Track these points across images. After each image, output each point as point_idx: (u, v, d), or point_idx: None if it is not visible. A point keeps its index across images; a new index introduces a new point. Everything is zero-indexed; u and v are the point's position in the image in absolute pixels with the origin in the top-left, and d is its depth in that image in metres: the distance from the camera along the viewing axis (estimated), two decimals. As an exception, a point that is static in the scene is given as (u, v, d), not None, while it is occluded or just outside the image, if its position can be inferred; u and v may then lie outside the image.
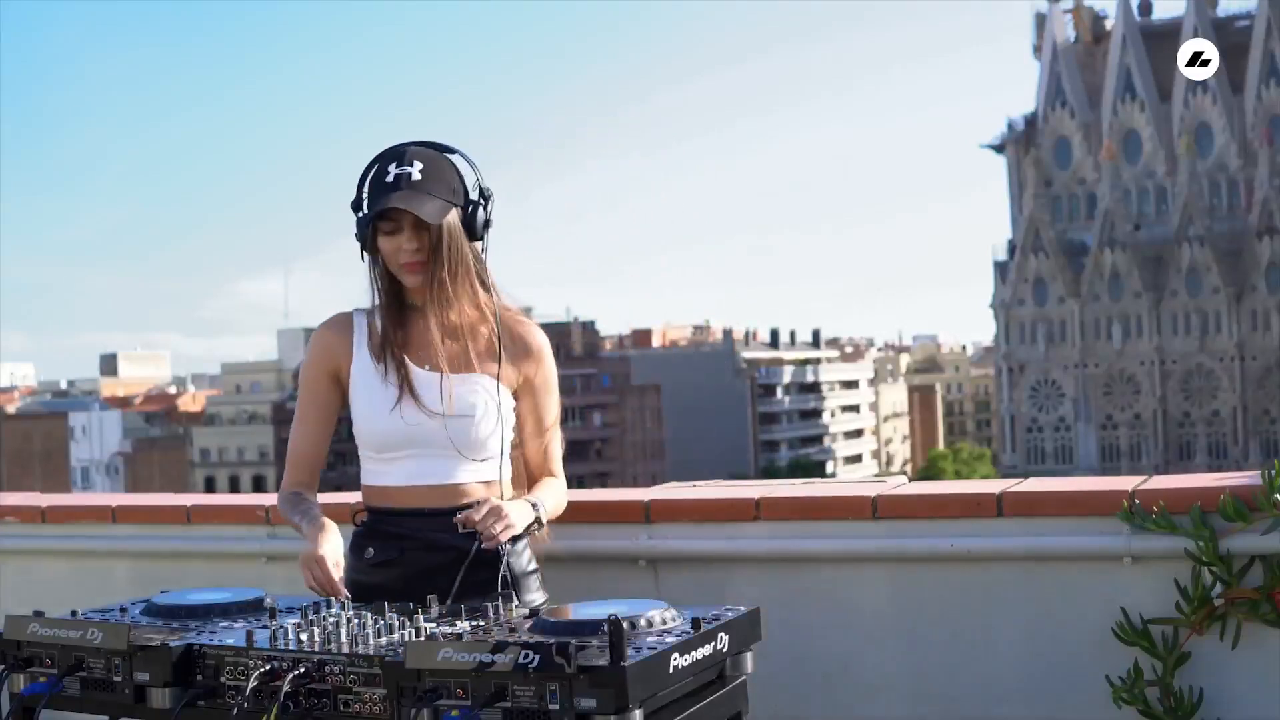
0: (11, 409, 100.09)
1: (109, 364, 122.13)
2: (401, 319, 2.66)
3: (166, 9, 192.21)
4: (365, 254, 2.64)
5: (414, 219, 2.55)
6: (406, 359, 2.63)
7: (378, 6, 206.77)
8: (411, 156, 2.59)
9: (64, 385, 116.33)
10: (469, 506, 2.55)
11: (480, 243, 2.65)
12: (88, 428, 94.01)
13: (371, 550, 2.65)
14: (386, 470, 2.66)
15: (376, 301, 2.67)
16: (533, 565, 2.71)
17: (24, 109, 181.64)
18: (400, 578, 2.58)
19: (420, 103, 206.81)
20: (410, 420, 2.61)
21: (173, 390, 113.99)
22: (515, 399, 2.71)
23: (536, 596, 2.68)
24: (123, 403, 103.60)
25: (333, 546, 2.51)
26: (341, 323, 2.73)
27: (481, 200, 2.63)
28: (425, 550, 2.60)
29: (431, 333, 2.63)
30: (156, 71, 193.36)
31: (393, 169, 2.57)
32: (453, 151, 2.65)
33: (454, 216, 2.58)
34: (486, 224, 2.64)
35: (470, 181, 2.63)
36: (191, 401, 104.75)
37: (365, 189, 2.59)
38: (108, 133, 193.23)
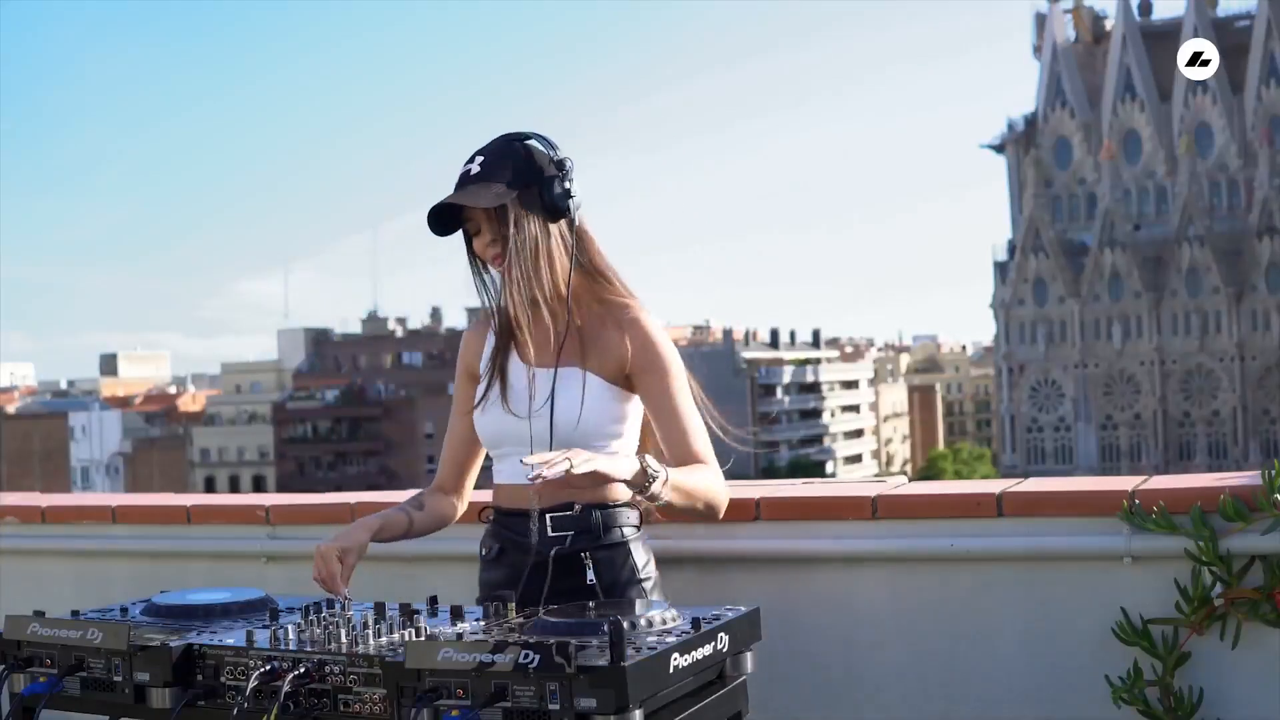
0: (11, 409, 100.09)
1: (109, 364, 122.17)
2: (516, 315, 2.57)
3: (166, 9, 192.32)
4: (477, 268, 2.59)
5: (484, 212, 2.51)
6: (508, 355, 2.59)
7: (378, 6, 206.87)
8: (478, 153, 2.55)
9: (64, 385, 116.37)
10: (561, 508, 2.49)
11: (566, 219, 2.52)
12: (88, 428, 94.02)
13: (485, 548, 2.64)
14: (498, 468, 2.64)
15: (493, 307, 2.61)
16: (645, 573, 2.55)
17: (24, 109, 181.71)
18: (504, 578, 2.54)
19: (420, 103, 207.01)
20: (500, 417, 2.56)
21: (173, 390, 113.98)
22: (628, 388, 2.56)
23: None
24: (123, 403, 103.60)
25: (342, 541, 2.49)
26: (480, 323, 2.72)
27: (556, 174, 2.50)
28: (519, 551, 2.54)
29: (525, 325, 2.54)
30: (156, 71, 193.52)
31: (460, 170, 2.54)
32: (526, 138, 2.55)
33: (519, 198, 2.48)
34: (566, 195, 2.50)
35: (545, 160, 2.52)
36: (191, 401, 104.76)
37: None
38: (108, 133, 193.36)
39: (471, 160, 2.55)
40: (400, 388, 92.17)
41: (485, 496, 2.77)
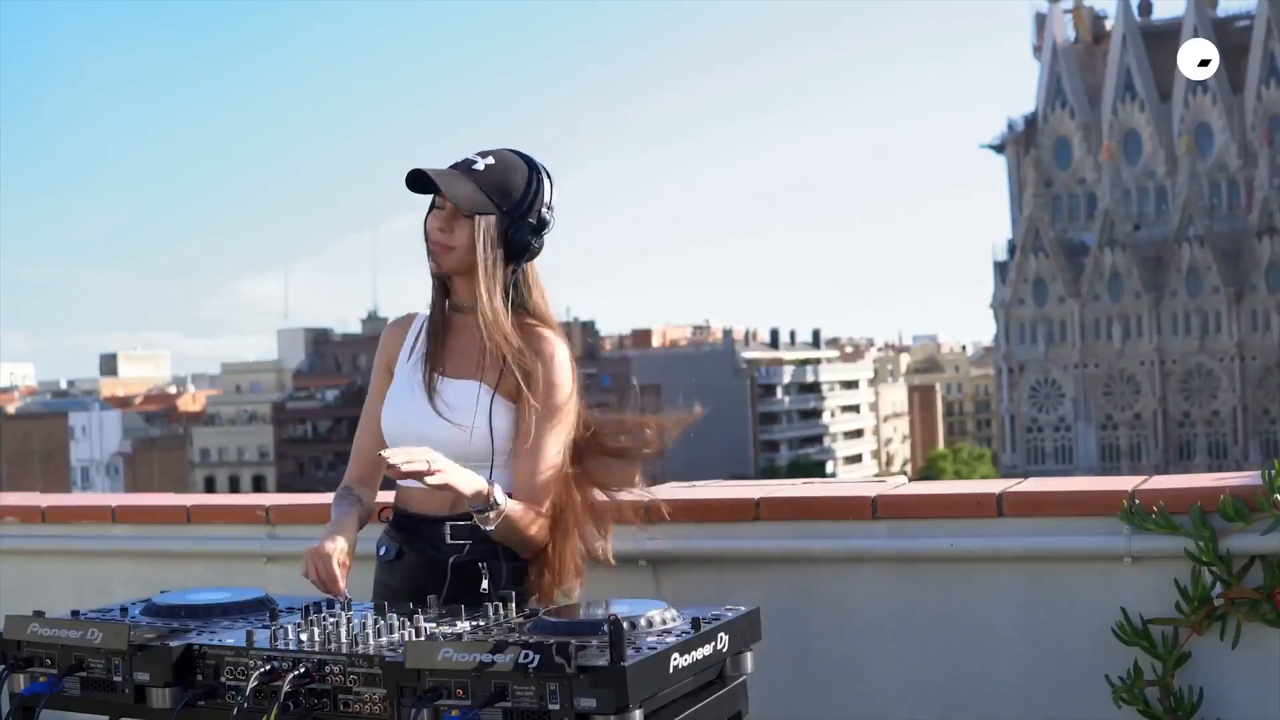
0: (11, 409, 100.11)
1: (109, 364, 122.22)
2: (448, 319, 2.64)
3: (166, 9, 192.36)
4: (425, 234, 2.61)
5: (453, 207, 2.53)
6: (427, 360, 2.62)
7: (378, 6, 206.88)
8: (493, 154, 2.58)
9: (64, 385, 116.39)
10: (458, 516, 2.52)
11: (515, 265, 2.56)
12: (88, 428, 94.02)
13: (383, 548, 2.66)
14: None
15: (432, 295, 2.65)
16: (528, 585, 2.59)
17: (24, 109, 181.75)
18: (404, 579, 2.58)
19: (420, 103, 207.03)
20: (408, 421, 2.60)
21: (173, 390, 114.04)
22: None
23: None
24: (123, 403, 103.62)
25: (340, 543, 2.51)
26: (403, 321, 2.75)
27: (531, 221, 2.55)
28: (419, 555, 2.59)
29: (457, 332, 2.61)
30: (156, 71, 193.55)
31: (468, 155, 2.57)
32: (539, 171, 2.58)
33: (493, 220, 2.52)
34: (525, 247, 2.56)
35: (538, 206, 2.56)
36: (191, 401, 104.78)
37: None
38: (108, 133, 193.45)
39: (485, 154, 2.58)
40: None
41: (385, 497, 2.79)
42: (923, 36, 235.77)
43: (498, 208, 2.53)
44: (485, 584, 2.51)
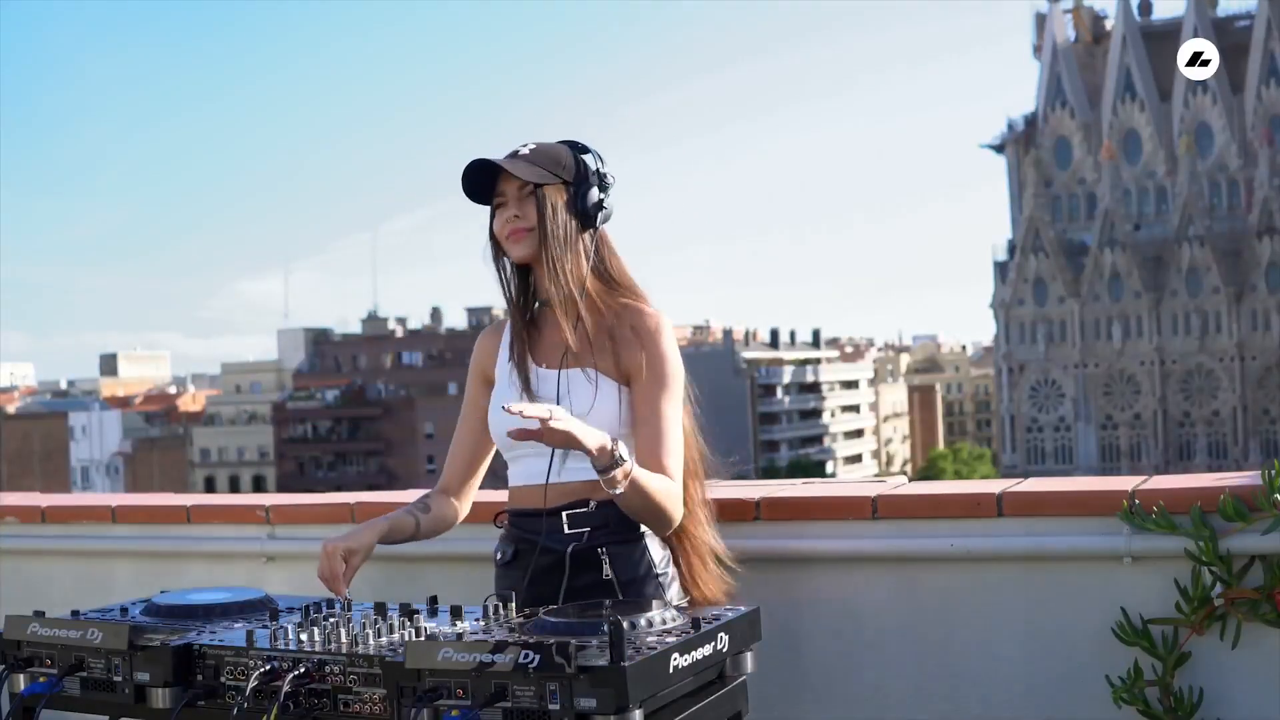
0: (11, 409, 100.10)
1: (109, 364, 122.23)
2: (532, 316, 2.62)
3: (166, 9, 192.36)
4: (493, 249, 2.60)
5: (517, 190, 2.53)
6: (527, 356, 2.60)
7: (378, 6, 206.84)
8: (531, 143, 2.59)
9: (64, 385, 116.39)
10: (574, 505, 2.49)
11: (593, 230, 2.57)
12: (88, 428, 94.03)
13: (500, 552, 2.63)
14: (512, 471, 2.63)
15: (508, 298, 2.63)
16: (661, 568, 2.53)
17: (24, 109, 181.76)
18: (521, 579, 2.52)
19: (420, 103, 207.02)
20: (508, 421, 2.51)
21: (173, 390, 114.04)
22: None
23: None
24: (123, 403, 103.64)
25: (354, 543, 2.49)
26: (497, 327, 2.73)
27: (597, 183, 2.55)
28: (535, 552, 2.52)
29: (547, 326, 2.59)
30: (156, 71, 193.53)
31: (512, 150, 2.58)
32: (584, 150, 2.60)
33: (558, 189, 2.54)
34: (599, 205, 2.56)
35: (591, 169, 2.57)
36: (191, 401, 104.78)
37: None
38: (108, 133, 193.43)
39: (524, 145, 2.59)
40: (400, 388, 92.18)
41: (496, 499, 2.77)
42: (923, 36, 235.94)
43: (558, 177, 2.55)
44: (607, 569, 2.47)
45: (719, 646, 2.16)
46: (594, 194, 2.55)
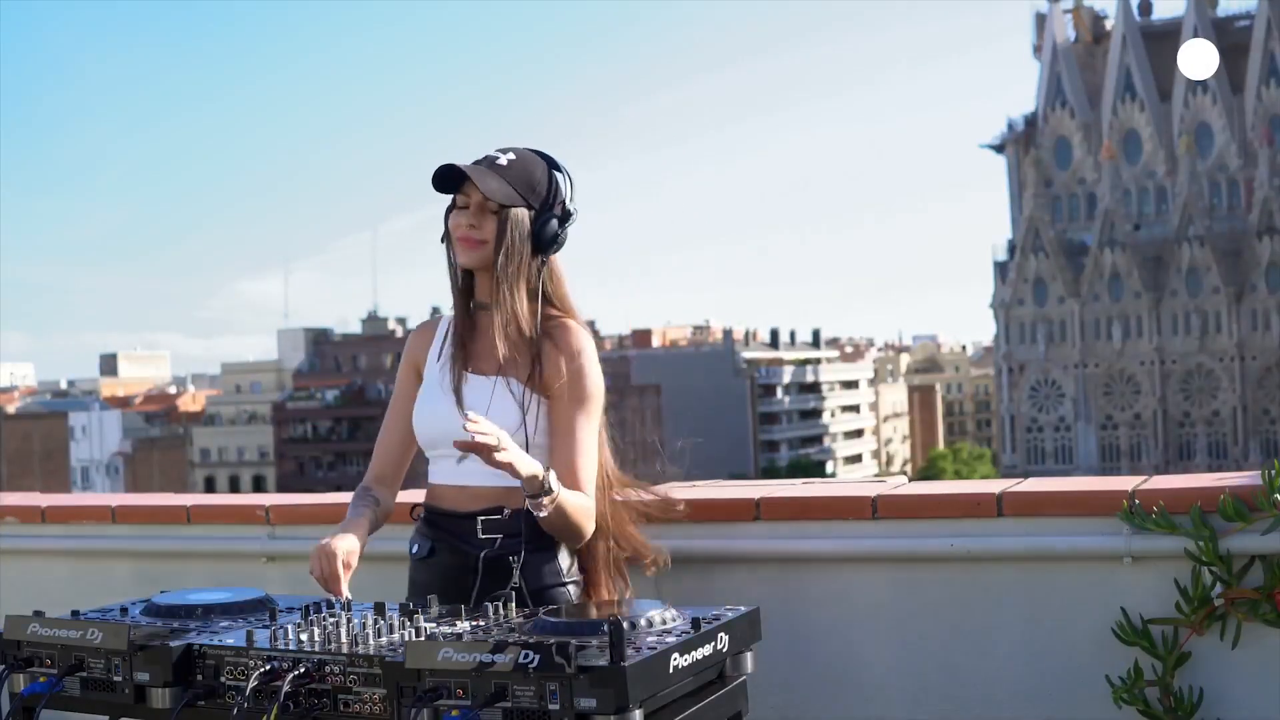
0: (11, 409, 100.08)
1: (109, 364, 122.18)
2: (472, 319, 2.65)
3: (166, 9, 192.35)
4: (444, 240, 2.63)
5: (481, 200, 2.55)
6: (456, 359, 2.63)
7: (378, 6, 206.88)
8: (512, 150, 2.62)
9: (64, 385, 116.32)
10: (489, 511, 2.55)
11: (542, 257, 2.60)
12: (88, 428, 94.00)
13: (415, 545, 2.67)
14: (434, 469, 2.68)
15: (453, 289, 2.67)
16: (569, 576, 2.61)
17: (24, 109, 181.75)
18: (437, 576, 2.58)
19: (420, 103, 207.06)
20: (437, 421, 2.61)
21: (173, 390, 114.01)
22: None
23: None
24: (123, 403, 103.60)
25: (347, 543, 2.51)
26: (430, 324, 2.77)
27: (557, 214, 2.60)
28: (451, 552, 2.59)
29: (481, 331, 2.63)
30: (156, 71, 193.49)
31: (489, 152, 2.60)
32: (558, 168, 2.63)
33: (522, 213, 2.56)
34: (554, 239, 2.60)
35: (560, 199, 2.61)
36: (191, 401, 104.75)
37: None
38: (108, 133, 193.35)
39: (504, 151, 2.61)
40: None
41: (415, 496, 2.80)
42: (922, 36, 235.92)
43: (525, 201, 2.57)
44: (517, 577, 2.51)
45: (719, 646, 2.16)
46: (553, 226, 2.59)
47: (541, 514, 2.45)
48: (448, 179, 2.58)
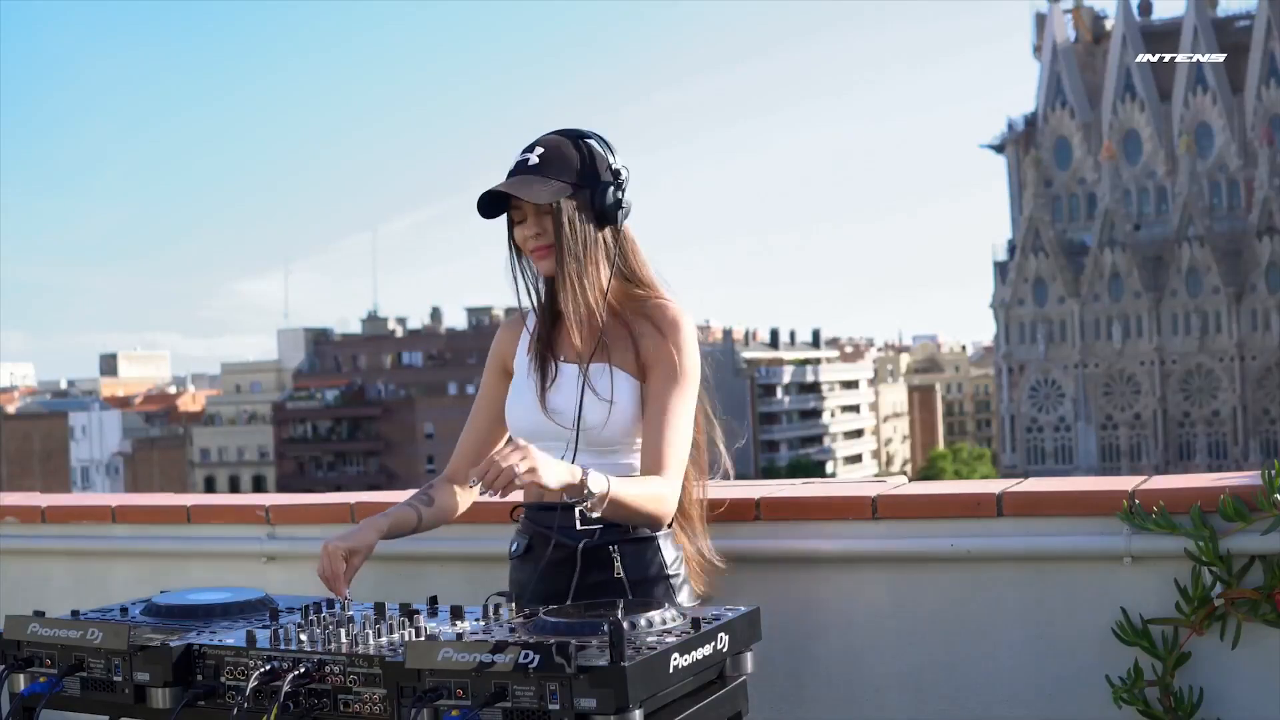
0: (11, 409, 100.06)
1: (109, 364, 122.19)
2: (554, 313, 2.61)
3: (166, 9, 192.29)
4: (517, 256, 2.59)
5: (534, 207, 2.51)
6: (548, 352, 2.60)
7: (378, 6, 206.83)
8: (537, 143, 2.55)
9: (64, 385, 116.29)
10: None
11: (613, 226, 2.54)
12: (88, 428, 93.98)
13: (515, 544, 2.64)
14: None
15: (531, 299, 2.62)
16: (673, 569, 2.54)
17: (24, 109, 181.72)
18: (533, 573, 2.52)
19: (420, 103, 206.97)
20: (536, 413, 2.56)
21: (173, 390, 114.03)
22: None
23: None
24: (123, 403, 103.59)
25: (355, 542, 2.48)
26: (516, 320, 2.73)
27: (612, 180, 2.52)
28: (548, 546, 2.51)
29: (566, 324, 2.57)
30: (156, 71, 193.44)
31: (517, 157, 2.55)
32: (588, 136, 2.56)
33: (572, 202, 2.50)
34: (617, 205, 2.53)
35: (604, 165, 2.53)
36: (191, 401, 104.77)
37: None
38: (108, 133, 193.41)
39: (530, 150, 2.55)
40: (400, 388, 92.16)
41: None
42: (922, 36, 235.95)
43: (569, 184, 2.51)
44: (619, 568, 2.48)
45: (719, 646, 2.15)
46: (610, 194, 2.52)
47: (593, 514, 2.34)
48: (492, 204, 2.53)
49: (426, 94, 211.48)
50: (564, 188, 2.50)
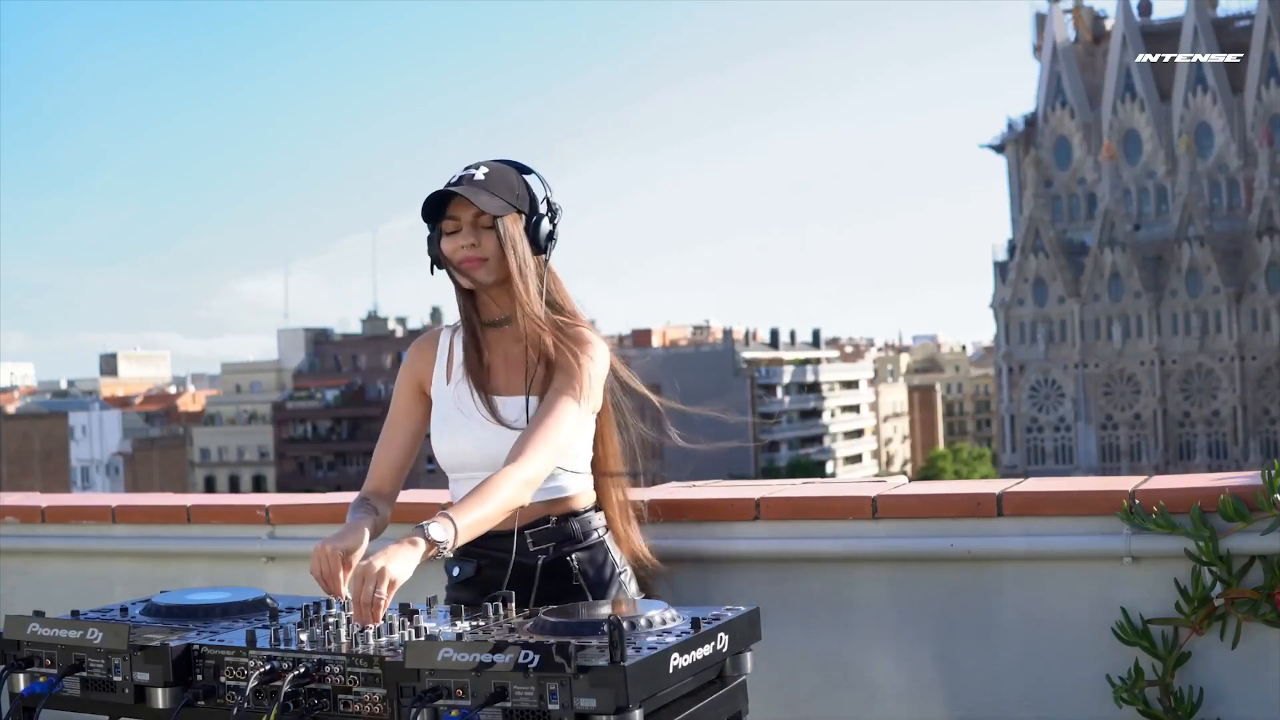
0: (11, 409, 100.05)
1: (109, 364, 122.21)
2: (478, 337, 2.64)
3: (166, 9, 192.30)
4: (435, 267, 2.62)
5: (473, 218, 2.54)
6: (471, 380, 2.62)
7: (378, 6, 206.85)
8: (481, 164, 2.60)
9: (64, 385, 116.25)
10: (538, 524, 2.55)
11: (544, 256, 2.60)
12: (88, 428, 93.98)
13: (457, 569, 2.64)
14: (460, 491, 2.62)
15: (464, 321, 2.65)
16: (621, 566, 2.64)
17: (24, 109, 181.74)
18: (481, 595, 2.53)
19: (420, 103, 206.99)
20: (476, 446, 2.59)
21: (173, 390, 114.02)
22: None
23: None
24: (123, 403, 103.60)
25: (348, 543, 2.48)
26: (428, 339, 2.75)
27: (547, 212, 2.60)
28: (497, 568, 2.58)
29: (497, 350, 2.63)
30: (156, 71, 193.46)
31: (460, 172, 2.59)
32: (528, 171, 2.63)
33: (515, 220, 2.56)
34: (550, 236, 2.61)
35: (541, 198, 2.61)
36: (191, 401, 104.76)
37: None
38: (108, 133, 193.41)
39: (475, 166, 2.59)
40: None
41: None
42: (922, 37, 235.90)
43: (514, 208, 2.57)
44: (577, 576, 2.56)
45: (719, 646, 2.16)
46: (545, 225, 2.60)
47: (448, 551, 2.29)
48: (437, 205, 2.56)
49: (426, 94, 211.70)
50: (509, 206, 2.56)
